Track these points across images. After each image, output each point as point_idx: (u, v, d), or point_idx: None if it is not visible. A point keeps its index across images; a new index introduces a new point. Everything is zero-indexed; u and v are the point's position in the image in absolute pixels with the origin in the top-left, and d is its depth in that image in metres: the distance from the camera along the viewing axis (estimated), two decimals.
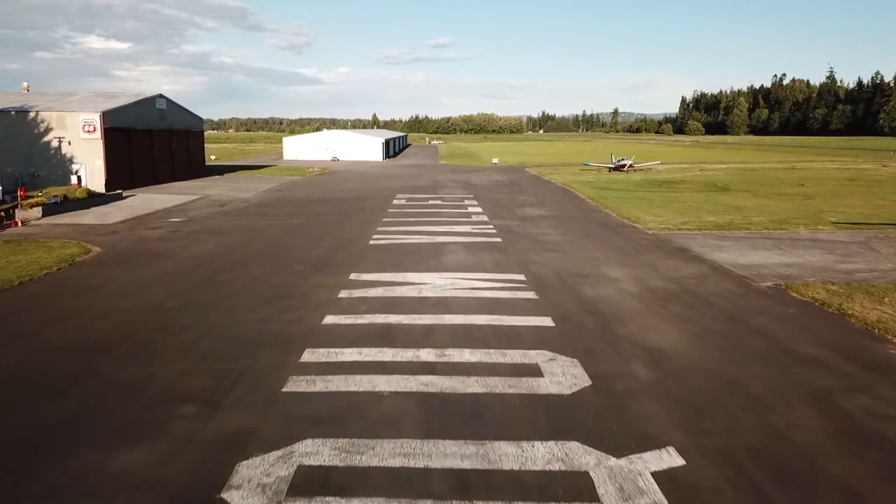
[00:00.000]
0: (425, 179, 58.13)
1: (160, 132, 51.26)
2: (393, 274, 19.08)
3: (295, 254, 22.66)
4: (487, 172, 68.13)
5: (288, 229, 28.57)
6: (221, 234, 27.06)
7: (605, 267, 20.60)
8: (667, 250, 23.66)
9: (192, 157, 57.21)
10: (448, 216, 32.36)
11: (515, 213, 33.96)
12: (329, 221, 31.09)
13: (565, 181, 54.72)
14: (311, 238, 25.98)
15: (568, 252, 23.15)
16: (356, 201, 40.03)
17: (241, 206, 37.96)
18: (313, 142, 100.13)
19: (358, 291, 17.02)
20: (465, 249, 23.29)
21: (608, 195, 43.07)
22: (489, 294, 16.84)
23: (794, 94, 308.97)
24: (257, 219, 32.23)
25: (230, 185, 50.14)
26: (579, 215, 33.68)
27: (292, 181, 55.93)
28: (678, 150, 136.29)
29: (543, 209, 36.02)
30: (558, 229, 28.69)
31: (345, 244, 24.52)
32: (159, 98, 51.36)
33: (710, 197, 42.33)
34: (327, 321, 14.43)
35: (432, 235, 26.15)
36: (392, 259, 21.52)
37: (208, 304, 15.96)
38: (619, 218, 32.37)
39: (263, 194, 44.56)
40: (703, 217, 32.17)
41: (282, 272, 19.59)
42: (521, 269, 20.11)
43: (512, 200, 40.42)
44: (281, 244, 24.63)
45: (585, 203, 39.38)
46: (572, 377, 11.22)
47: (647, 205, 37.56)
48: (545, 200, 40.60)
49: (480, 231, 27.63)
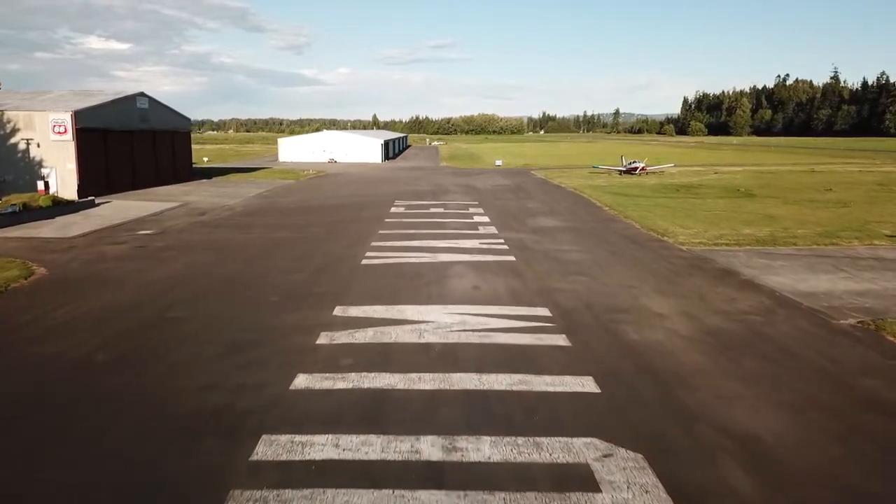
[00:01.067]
0: (426, 183, 54.62)
1: (142, 133, 47.72)
2: (387, 307, 15.56)
3: (272, 278, 19.13)
4: (491, 175, 64.60)
5: (270, 245, 25.04)
6: (193, 251, 23.53)
7: (644, 297, 17.06)
8: (710, 273, 20.12)
9: (178, 160, 53.68)
10: (452, 227, 28.83)
11: (527, 224, 30.42)
12: (317, 234, 27.55)
13: (576, 185, 51.18)
14: (295, 256, 22.45)
15: (595, 275, 19.61)
16: (350, 209, 36.49)
17: (223, 214, 34.43)
18: (310, 143, 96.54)
19: (342, 335, 13.49)
20: (474, 271, 19.75)
21: (626, 202, 39.54)
22: (508, 338, 13.30)
23: (797, 95, 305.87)
24: (238, 231, 28.69)
25: (216, 191, 46.61)
26: (599, 226, 30.13)
27: (284, 185, 52.41)
28: (683, 150, 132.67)
29: (558, 219, 32.48)
30: (578, 244, 25.16)
31: (332, 265, 20.98)
32: (140, 96, 47.84)
33: (737, 204, 38.79)
34: (298, 384, 10.90)
35: (434, 252, 22.62)
36: (387, 286, 17.98)
37: (146, 357, 12.41)
38: (644, 230, 28.82)
39: (250, 201, 41.03)
40: (738, 229, 28.63)
41: (252, 306, 16.05)
42: (544, 299, 16.58)
43: (521, 208, 36.88)
44: (258, 265, 21.08)
45: (603, 211, 35.84)
46: (642, 491, 7.70)
47: (670, 213, 34.03)
48: (558, 208, 37.05)
49: (489, 247, 24.10)
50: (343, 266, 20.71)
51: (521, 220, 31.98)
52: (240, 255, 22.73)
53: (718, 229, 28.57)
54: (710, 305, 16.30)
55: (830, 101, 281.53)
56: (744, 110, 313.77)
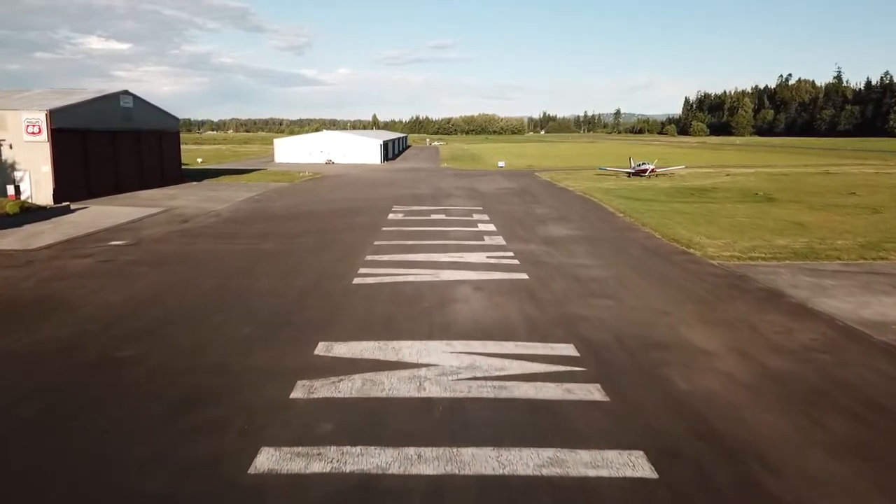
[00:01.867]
0: (426, 186, 52.02)
1: (125, 134, 45.11)
2: (380, 344, 12.98)
3: (250, 301, 16.55)
4: (494, 177, 62.00)
5: (253, 258, 22.47)
6: (165, 267, 20.95)
7: (683, 327, 14.49)
8: (753, 295, 17.54)
9: (166, 162, 51.06)
10: (455, 237, 26.25)
11: (537, 233, 27.83)
12: (307, 246, 24.97)
13: (584, 189, 48.58)
14: (279, 273, 19.86)
15: (622, 298, 17.03)
16: (345, 215, 33.91)
17: (207, 221, 31.85)
18: (307, 144, 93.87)
19: (323, 385, 10.92)
20: (482, 294, 17.17)
21: (639, 207, 36.96)
22: (530, 390, 10.72)
23: (800, 95, 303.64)
24: (220, 241, 26.11)
25: (204, 194, 44.02)
26: (615, 236, 27.54)
27: (277, 188, 49.82)
28: (686, 151, 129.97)
29: (569, 227, 29.89)
30: (597, 258, 22.58)
31: (319, 285, 18.39)
32: (124, 95, 45.21)
33: (759, 209, 36.20)
34: (259, 465, 8.32)
35: (436, 269, 20.04)
36: (381, 313, 15.40)
37: (68, 420, 9.80)
38: (666, 240, 26.24)
39: (239, 205, 38.44)
40: (769, 239, 26.05)
41: (220, 340, 13.46)
42: (567, 331, 14.00)
43: (529, 214, 34.29)
44: (236, 284, 18.49)
45: (616, 218, 33.25)
46: None
47: (690, 221, 31.44)
48: (568, 214, 34.46)
49: (498, 261, 21.52)
50: (332, 286, 18.11)
51: (530, 228, 29.39)
52: (218, 271, 20.14)
53: (748, 240, 25.99)
54: (764, 339, 13.73)
55: (834, 101, 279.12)
56: (746, 110, 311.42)
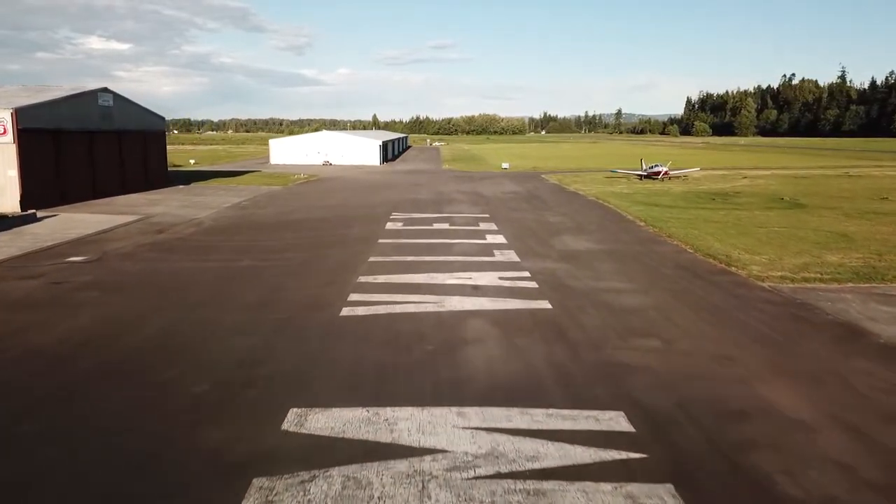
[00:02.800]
0: (427, 190, 48.86)
1: (104, 134, 41.93)
2: (370, 412, 9.84)
3: (209, 345, 13.39)
4: (499, 180, 58.84)
5: (227, 279, 19.32)
6: (120, 293, 17.79)
7: (758, 382, 11.35)
8: (827, 331, 14.40)
9: (150, 164, 47.90)
10: (461, 253, 23.10)
11: (553, 247, 24.67)
12: (291, 263, 21.82)
13: (596, 193, 45.41)
14: (253, 301, 16.70)
15: (671, 337, 13.87)
16: (338, 225, 30.76)
17: (185, 232, 28.70)
18: (304, 144, 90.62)
19: (287, 489, 7.75)
20: (499, 331, 14.02)
21: (660, 214, 33.81)
22: (578, 500, 7.57)
23: (803, 95, 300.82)
24: (194, 258, 22.96)
25: (188, 200, 40.88)
26: (642, 250, 24.37)
27: (268, 193, 46.65)
28: (692, 152, 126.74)
29: (589, 239, 26.71)
30: (627, 279, 19.42)
31: (300, 318, 15.23)
32: (103, 92, 42.04)
33: (792, 217, 33.05)
34: None
35: (440, 295, 16.89)
36: (372, 362, 12.25)
37: None
38: (700, 256, 23.10)
39: (224, 213, 35.30)
40: (818, 255, 22.91)
41: (154, 410, 10.29)
42: (613, 390, 10.86)
43: (541, 223, 31.14)
44: (198, 319, 15.33)
45: (638, 228, 30.08)
46: None
47: (720, 231, 28.29)
48: (585, 223, 31.29)
49: (513, 284, 18.37)
50: (315, 320, 14.95)
51: (544, 240, 26.22)
52: (182, 299, 16.97)
53: (794, 255, 22.84)
54: (866, 400, 10.60)
55: (838, 101, 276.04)
56: (749, 110, 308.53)
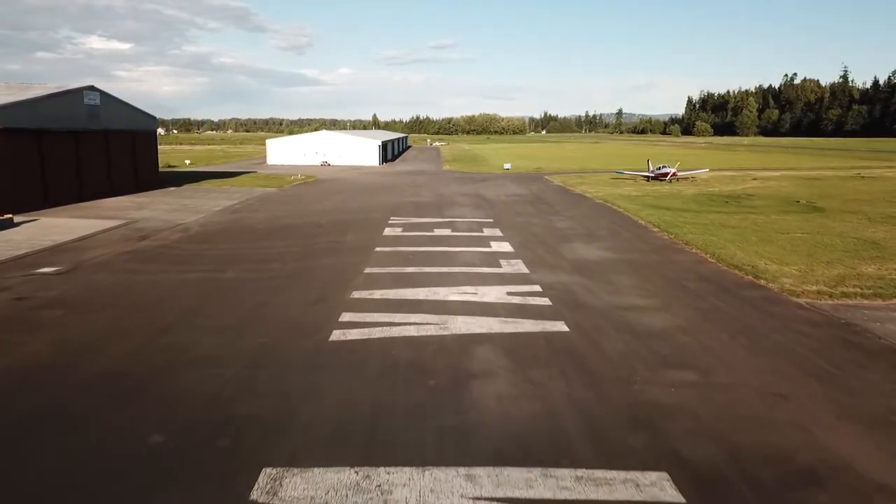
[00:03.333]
0: (428, 192, 47.07)
1: (91, 134, 40.14)
2: (359, 474, 8.07)
3: (168, 386, 11.59)
4: (501, 182, 57.05)
5: (206, 295, 17.54)
6: (87, 311, 16.00)
7: (820, 428, 9.58)
8: (884, 358, 12.64)
9: (140, 166, 46.11)
10: (465, 263, 21.32)
11: (564, 256, 22.89)
12: (279, 276, 20.03)
13: (604, 195, 43.62)
14: (231, 324, 14.90)
15: (709, 368, 12.08)
16: (333, 231, 28.98)
17: (170, 238, 26.92)
18: (301, 144, 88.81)
19: None
20: (510, 361, 12.23)
21: (673, 219, 32.03)
22: None
23: (805, 95, 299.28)
24: (174, 268, 21.18)
25: (178, 203, 39.10)
26: (660, 260, 22.58)
27: (263, 195, 44.85)
28: (695, 152, 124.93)
29: (601, 246, 24.92)
30: (648, 294, 17.64)
31: (282, 344, 13.42)
32: (90, 91, 40.25)
33: (813, 222, 31.26)
34: None
35: (443, 314, 15.12)
36: (364, 403, 10.46)
37: None
38: (724, 266, 21.31)
39: (214, 217, 33.51)
40: (850, 265, 21.13)
41: (80, 482, 8.53)
42: (651, 442, 9.09)
43: (549, 228, 29.35)
44: (165, 345, 13.52)
45: (651, 234, 28.30)
46: None
47: (740, 237, 26.52)
48: (595, 229, 29.50)
49: (523, 301, 16.59)
50: (299, 347, 13.15)
51: (553, 248, 24.45)
52: (152, 320, 15.17)
53: (825, 266, 21.06)
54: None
55: (840, 100, 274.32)
56: (750, 110, 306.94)
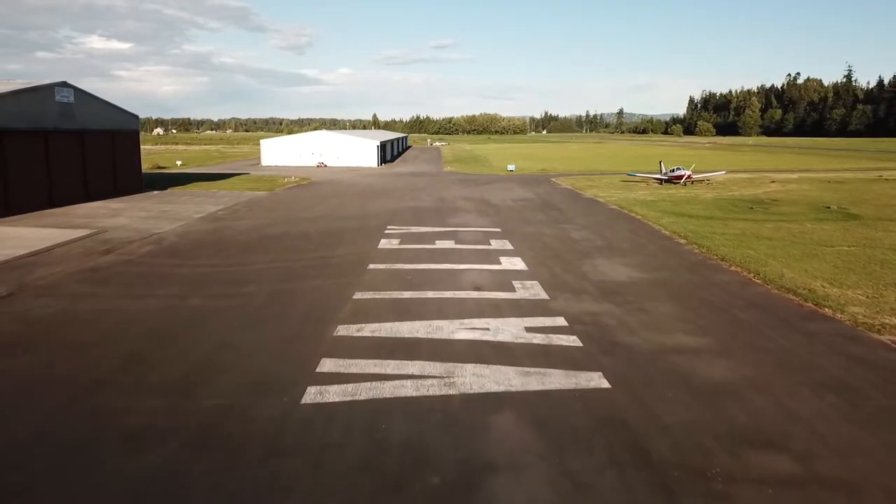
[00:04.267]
0: (429, 196, 43.97)
1: (63, 134, 37.04)
2: None
3: (66, 487, 8.53)
4: (506, 185, 53.92)
5: (155, 335, 14.43)
6: (1, 355, 12.93)
7: None
8: None
9: (120, 168, 42.98)
10: (472, 285, 18.22)
11: (587, 276, 19.77)
12: (250, 304, 16.91)
13: (617, 200, 40.52)
14: (176, 378, 11.78)
15: (808, 451, 8.99)
16: (322, 243, 25.87)
17: (138, 252, 23.82)
18: (297, 145, 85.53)
19: None
20: (540, 441, 9.14)
21: (699, 228, 28.94)
22: None
23: (808, 94, 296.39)
24: (131, 292, 18.07)
25: (158, 209, 36.00)
26: (697, 281, 19.46)
27: (252, 199, 41.75)
28: (702, 152, 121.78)
29: (626, 263, 21.78)
30: (696, 329, 14.53)
31: (234, 416, 10.27)
32: (62, 87, 37.12)
33: (854, 233, 28.14)
34: None
35: (448, 363, 12.04)
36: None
37: None
38: (774, 290, 18.20)
39: (193, 225, 30.40)
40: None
41: None
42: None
43: (564, 240, 26.25)
44: (83, 413, 10.41)
45: (679, 246, 25.20)
46: None
47: (781, 252, 23.43)
48: (615, 240, 26.38)
49: (546, 340, 13.48)
50: (260, 416, 10.03)
51: (572, 265, 21.34)
52: (81, 370, 12.05)
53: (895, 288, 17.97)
54: None
55: (844, 100, 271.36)
56: (753, 110, 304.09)
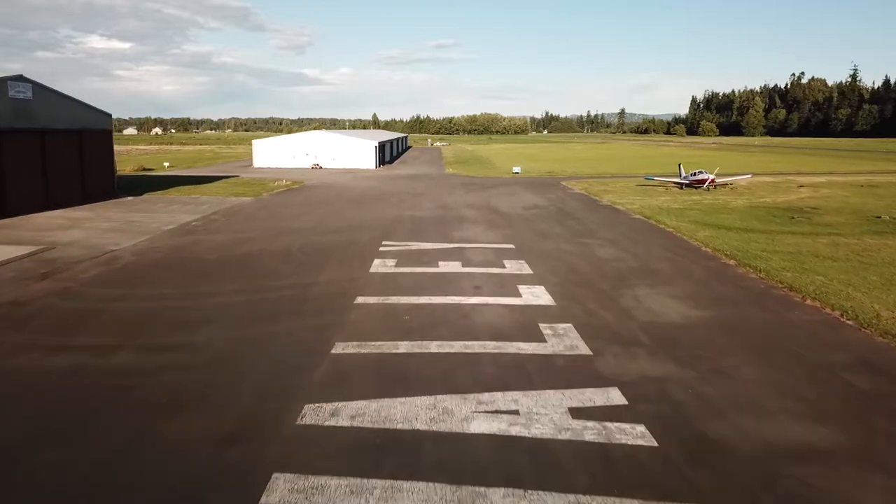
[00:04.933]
0: (430, 203, 39.88)
1: (18, 134, 32.96)
2: None
3: None
4: (514, 189, 49.79)
5: (32, 429, 10.37)
6: None
7: None
8: None
9: (89, 172, 38.89)
10: (487, 332, 14.13)
11: (631, 315, 15.64)
12: (190, 366, 12.77)
13: (639, 209, 36.40)
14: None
15: None
16: (303, 266, 21.74)
17: (80, 278, 19.70)
18: (291, 146, 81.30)
19: None
20: None
21: (745, 245, 24.85)
22: None
23: (813, 94, 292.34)
24: (38, 345, 13.96)
25: (125, 218, 31.89)
26: (771, 321, 15.30)
27: (233, 207, 37.65)
28: (709, 153, 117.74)
29: (675, 294, 17.61)
30: (805, 412, 10.44)
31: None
32: (17, 82, 33.02)
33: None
34: None
35: (461, 486, 7.95)
36: None
37: None
38: (876, 335, 14.10)
39: (159, 240, 26.31)
40: None
41: None
42: None
43: (591, 260, 22.12)
44: None
45: (731, 269, 21.07)
46: None
47: (855, 276, 19.33)
48: (650, 260, 22.24)
49: (604, 436, 9.42)
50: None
51: (609, 297, 17.22)
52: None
53: None
54: None
55: (850, 100, 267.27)
56: (756, 110, 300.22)
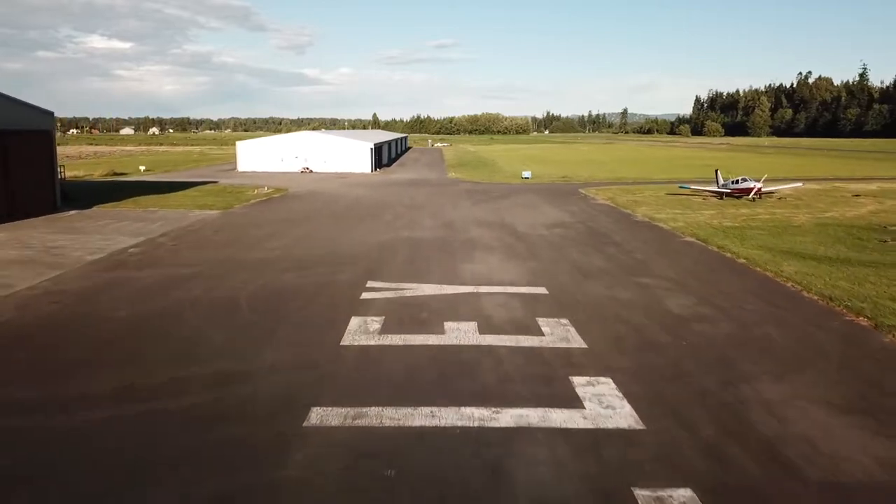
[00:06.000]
0: (431, 219, 33.18)
1: None
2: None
3: None
4: (528, 199, 43.04)
5: None
6: None
7: None
8: None
9: (20, 181, 32.02)
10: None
11: (775, 449, 8.95)
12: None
13: (686, 227, 29.66)
14: None
15: None
16: (247, 329, 14.98)
17: None
18: (279, 147, 74.20)
19: None
20: None
21: (858, 288, 18.19)
22: None
23: (820, 94, 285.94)
24: None
25: (45, 243, 25.21)
26: None
27: (194, 224, 30.94)
28: (715, 154, 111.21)
29: (828, 400, 10.94)
30: None
31: None
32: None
33: None
34: None
35: None
36: None
37: None
38: None
39: (69, 280, 19.59)
40: None
41: None
42: None
43: (663, 321, 15.44)
44: None
45: (873, 337, 14.43)
46: None
47: None
48: (750, 321, 15.51)
49: None
50: None
51: (726, 408, 10.55)
52: None
53: None
54: None
55: (859, 99, 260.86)
56: (763, 110, 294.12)
